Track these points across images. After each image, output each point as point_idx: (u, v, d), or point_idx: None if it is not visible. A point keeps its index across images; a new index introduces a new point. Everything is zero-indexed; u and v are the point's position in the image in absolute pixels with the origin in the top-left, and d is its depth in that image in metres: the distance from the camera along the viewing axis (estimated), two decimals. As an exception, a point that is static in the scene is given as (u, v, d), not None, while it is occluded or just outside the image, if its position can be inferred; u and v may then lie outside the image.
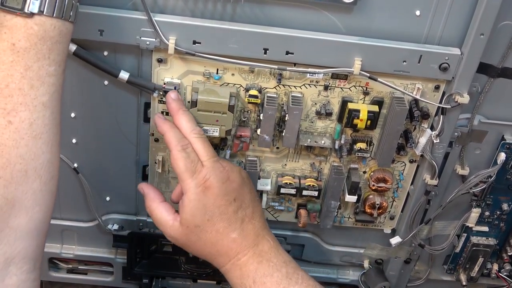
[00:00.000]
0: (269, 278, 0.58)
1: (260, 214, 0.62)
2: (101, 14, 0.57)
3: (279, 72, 0.61)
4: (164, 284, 0.81)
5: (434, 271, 0.81)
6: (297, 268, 0.60)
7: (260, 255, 0.59)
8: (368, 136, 0.66)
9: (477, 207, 0.73)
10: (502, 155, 0.68)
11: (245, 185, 0.61)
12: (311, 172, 0.70)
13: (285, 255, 0.61)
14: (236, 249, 0.59)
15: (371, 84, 0.63)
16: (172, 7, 0.58)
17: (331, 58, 0.59)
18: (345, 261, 0.80)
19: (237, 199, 0.60)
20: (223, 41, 0.58)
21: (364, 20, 0.59)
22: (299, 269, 0.60)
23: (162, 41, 0.58)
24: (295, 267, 0.60)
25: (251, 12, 0.58)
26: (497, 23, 0.58)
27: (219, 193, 0.58)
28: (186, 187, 0.58)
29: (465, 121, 0.66)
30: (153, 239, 0.75)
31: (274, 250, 0.60)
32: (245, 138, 0.65)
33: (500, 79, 0.63)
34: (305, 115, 0.65)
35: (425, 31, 0.60)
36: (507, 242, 0.78)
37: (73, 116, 0.65)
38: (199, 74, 0.62)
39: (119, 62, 0.61)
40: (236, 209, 0.59)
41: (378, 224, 0.75)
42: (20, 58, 0.46)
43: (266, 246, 0.60)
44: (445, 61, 0.60)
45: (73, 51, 0.59)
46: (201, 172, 0.58)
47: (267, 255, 0.60)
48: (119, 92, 0.63)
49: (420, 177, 0.69)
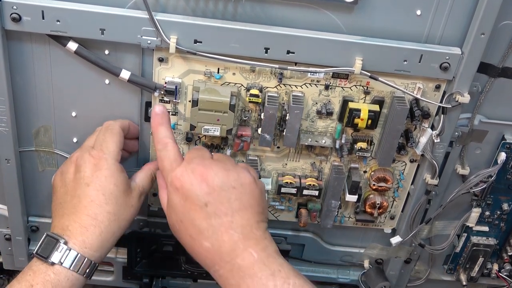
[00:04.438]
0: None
1: (243, 224, 0.55)
2: (102, 13, 0.57)
3: (280, 71, 0.61)
4: (165, 283, 0.81)
5: (434, 271, 0.81)
6: (288, 277, 0.53)
7: (241, 270, 0.53)
8: (369, 136, 0.66)
9: (477, 207, 0.73)
10: (502, 155, 0.68)
11: (232, 191, 0.56)
12: (312, 171, 0.70)
13: (275, 264, 0.54)
14: (212, 260, 0.55)
15: (372, 84, 0.63)
16: (173, 6, 0.58)
17: (332, 58, 0.60)
18: (345, 260, 0.80)
19: (210, 205, 0.55)
20: (224, 40, 0.58)
21: (365, 19, 0.59)
22: (291, 277, 0.53)
23: (164, 40, 0.58)
24: (286, 276, 0.53)
25: (252, 11, 0.58)
26: (497, 22, 0.58)
27: (188, 195, 0.55)
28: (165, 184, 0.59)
29: (465, 120, 0.66)
30: (153, 239, 0.74)
31: (258, 265, 0.53)
32: (246, 137, 0.65)
33: (501, 79, 0.63)
34: (306, 115, 0.65)
35: (426, 30, 0.60)
36: (507, 242, 0.78)
37: (74, 115, 0.65)
38: (200, 73, 0.62)
39: (120, 61, 0.61)
40: (208, 215, 0.55)
41: (378, 223, 0.75)
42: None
43: (248, 261, 0.54)
44: (446, 61, 0.60)
45: (74, 49, 0.59)
46: (175, 171, 0.57)
47: (249, 270, 0.53)
48: (120, 91, 0.63)
49: (420, 176, 0.69)
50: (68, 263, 0.56)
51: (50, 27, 0.57)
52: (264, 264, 0.54)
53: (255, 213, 0.57)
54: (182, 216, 0.56)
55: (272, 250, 0.56)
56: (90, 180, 0.59)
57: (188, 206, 0.56)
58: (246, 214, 0.56)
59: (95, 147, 0.61)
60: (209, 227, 0.55)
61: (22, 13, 0.56)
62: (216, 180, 0.56)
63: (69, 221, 0.58)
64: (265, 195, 0.61)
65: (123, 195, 0.60)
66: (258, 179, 0.60)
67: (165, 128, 0.60)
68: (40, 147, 0.68)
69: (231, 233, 0.55)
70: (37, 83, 0.62)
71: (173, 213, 0.57)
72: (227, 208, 0.55)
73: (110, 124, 0.63)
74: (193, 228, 0.56)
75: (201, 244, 0.55)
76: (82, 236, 0.57)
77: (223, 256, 0.55)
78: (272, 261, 0.54)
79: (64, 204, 0.60)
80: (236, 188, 0.56)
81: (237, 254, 0.54)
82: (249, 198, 0.57)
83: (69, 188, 0.60)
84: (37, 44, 0.60)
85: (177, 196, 0.56)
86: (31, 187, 0.71)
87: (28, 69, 0.61)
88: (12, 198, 0.69)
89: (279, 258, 0.55)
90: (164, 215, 0.73)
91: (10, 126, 0.63)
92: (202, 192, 0.55)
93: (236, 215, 0.55)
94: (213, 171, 0.56)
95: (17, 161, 0.66)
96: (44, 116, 0.65)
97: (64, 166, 0.63)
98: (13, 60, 0.60)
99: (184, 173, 0.56)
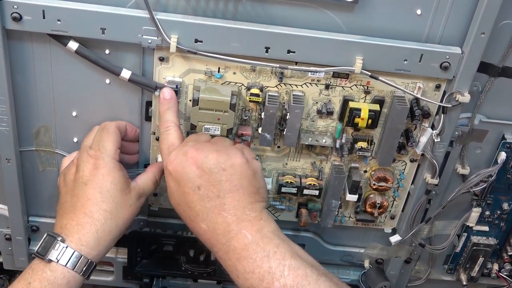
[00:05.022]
0: (251, 275, 0.53)
1: (235, 206, 0.55)
2: (103, 12, 0.57)
3: (281, 70, 0.61)
4: (165, 283, 0.81)
5: (434, 270, 0.81)
6: (284, 258, 0.53)
7: (236, 251, 0.54)
8: (369, 135, 0.66)
9: (477, 207, 0.73)
10: (502, 155, 0.68)
11: (222, 173, 0.55)
12: (312, 171, 0.70)
13: (270, 245, 0.54)
14: (210, 241, 0.56)
15: (372, 83, 0.63)
16: (174, 6, 0.58)
17: (332, 57, 0.60)
18: (345, 260, 0.80)
19: (202, 188, 0.55)
20: (225, 40, 0.58)
21: (365, 19, 0.59)
22: (288, 258, 0.53)
23: (164, 39, 0.58)
24: (282, 258, 0.53)
25: (253, 10, 0.58)
26: (498, 22, 0.58)
27: (181, 179, 0.56)
28: None
29: (465, 120, 0.66)
30: (153, 239, 0.74)
31: (252, 246, 0.54)
32: (246, 136, 0.65)
33: (501, 78, 0.63)
34: (306, 114, 0.65)
35: (426, 30, 0.60)
36: (508, 241, 0.78)
37: (74, 115, 0.65)
38: (200, 72, 0.62)
39: (120, 60, 0.61)
40: (201, 198, 0.55)
41: (378, 223, 0.75)
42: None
43: (242, 243, 0.54)
44: (446, 60, 0.60)
45: (75, 49, 0.59)
46: (170, 155, 0.58)
47: (243, 252, 0.54)
48: (120, 91, 0.63)
49: (420, 176, 0.69)
50: (65, 260, 0.56)
51: (50, 26, 0.57)
52: (258, 246, 0.54)
53: (247, 194, 0.56)
54: (178, 199, 0.57)
55: (268, 230, 0.55)
56: (88, 179, 0.59)
57: (181, 189, 0.56)
58: (237, 195, 0.56)
59: (92, 147, 0.61)
60: (203, 209, 0.56)
61: (22, 13, 0.56)
62: (206, 162, 0.55)
63: (67, 220, 0.58)
64: (260, 175, 0.59)
65: (120, 194, 0.60)
66: (253, 159, 0.59)
67: (171, 112, 0.61)
68: (40, 147, 0.68)
69: (224, 215, 0.55)
70: (38, 83, 0.62)
71: (171, 197, 0.59)
72: (218, 190, 0.55)
73: (106, 124, 0.63)
74: (190, 210, 0.57)
75: (199, 226, 0.56)
76: (78, 234, 0.57)
77: (219, 238, 0.55)
78: (267, 242, 0.54)
79: (65, 203, 0.60)
80: (226, 170, 0.56)
81: (231, 236, 0.55)
82: (239, 178, 0.56)
83: (69, 188, 0.61)
84: (38, 43, 0.60)
85: (172, 180, 0.57)
86: (32, 187, 0.71)
87: (28, 69, 0.61)
88: (12, 198, 0.69)
89: (276, 238, 0.55)
90: (164, 215, 0.74)
91: (11, 126, 0.63)
92: (193, 175, 0.56)
93: (227, 197, 0.55)
94: (203, 153, 0.56)
95: (17, 161, 0.66)
96: (44, 116, 0.65)
97: (66, 167, 0.63)
98: (13, 60, 0.60)
99: (178, 157, 0.57)
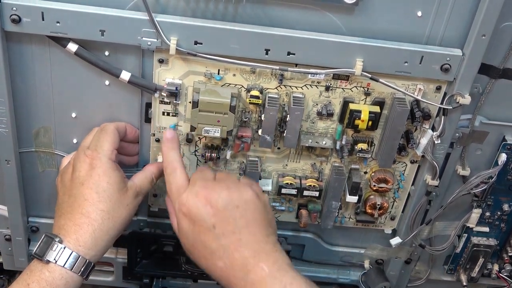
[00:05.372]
0: None
1: (251, 240, 0.56)
2: (102, 14, 0.57)
3: (281, 72, 0.61)
4: (165, 284, 0.81)
5: (434, 271, 0.81)
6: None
7: (254, 284, 0.54)
8: (369, 137, 0.66)
9: (477, 208, 0.73)
10: (503, 156, 0.68)
11: (236, 210, 0.56)
12: (312, 172, 0.70)
13: (286, 277, 0.54)
14: (227, 278, 0.56)
15: (373, 85, 0.62)
16: (173, 8, 0.58)
17: (332, 59, 0.59)
18: (345, 261, 0.80)
19: (217, 226, 0.56)
20: (224, 42, 0.58)
21: (365, 20, 0.59)
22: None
23: (164, 41, 0.58)
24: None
25: (253, 12, 0.58)
26: (498, 24, 0.58)
27: (195, 219, 0.56)
28: None
29: (466, 121, 0.66)
30: (153, 239, 0.74)
31: (270, 279, 0.54)
32: (246, 138, 0.65)
33: (502, 80, 0.63)
34: (306, 116, 0.65)
35: (427, 32, 0.60)
36: (508, 242, 0.78)
37: (74, 116, 0.65)
38: (200, 74, 0.61)
39: (120, 62, 0.61)
40: (217, 236, 0.56)
41: (378, 224, 0.75)
42: None
43: (259, 275, 0.54)
44: (447, 62, 0.60)
45: (74, 51, 0.59)
46: (181, 197, 0.58)
47: (261, 284, 0.54)
48: (120, 93, 0.63)
49: (421, 177, 0.69)
50: (63, 261, 0.56)
51: (50, 28, 0.57)
52: (275, 278, 0.54)
53: (262, 227, 0.57)
54: (193, 240, 0.57)
55: (283, 262, 0.56)
56: (84, 179, 0.59)
57: (197, 229, 0.57)
58: (253, 229, 0.57)
59: (90, 147, 0.61)
60: (220, 247, 0.56)
61: (22, 15, 0.56)
62: (220, 201, 0.56)
63: (65, 220, 0.58)
64: (270, 208, 0.61)
65: (117, 193, 0.60)
66: (261, 193, 0.60)
67: (175, 153, 0.61)
68: (40, 148, 0.68)
69: (241, 250, 0.55)
70: (37, 84, 0.62)
71: (185, 238, 0.58)
72: (233, 227, 0.56)
73: (106, 125, 0.63)
74: (205, 250, 0.56)
75: (216, 264, 0.56)
76: (75, 234, 0.57)
77: (237, 273, 0.55)
78: (284, 274, 0.54)
79: (63, 204, 0.60)
80: (239, 206, 0.57)
81: (249, 269, 0.55)
82: (253, 213, 0.57)
83: (67, 188, 0.61)
84: (37, 45, 0.60)
85: (185, 221, 0.57)
86: (31, 187, 0.71)
87: (28, 71, 0.61)
88: (12, 199, 0.69)
89: (292, 271, 0.55)
90: (164, 216, 0.74)
91: (10, 127, 0.63)
92: (208, 214, 0.56)
93: (243, 232, 0.56)
94: (216, 192, 0.57)
95: (17, 162, 0.66)
96: (44, 117, 0.65)
97: (64, 167, 0.63)
98: (13, 62, 0.60)
99: (189, 198, 0.57)
